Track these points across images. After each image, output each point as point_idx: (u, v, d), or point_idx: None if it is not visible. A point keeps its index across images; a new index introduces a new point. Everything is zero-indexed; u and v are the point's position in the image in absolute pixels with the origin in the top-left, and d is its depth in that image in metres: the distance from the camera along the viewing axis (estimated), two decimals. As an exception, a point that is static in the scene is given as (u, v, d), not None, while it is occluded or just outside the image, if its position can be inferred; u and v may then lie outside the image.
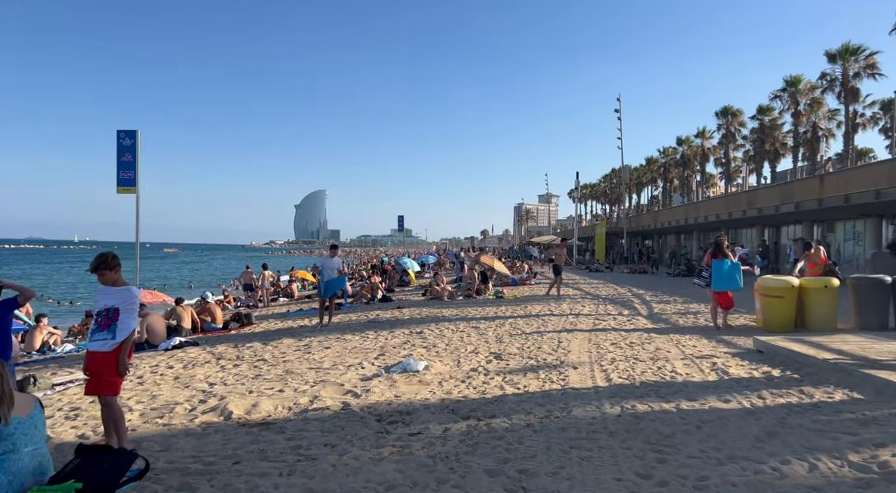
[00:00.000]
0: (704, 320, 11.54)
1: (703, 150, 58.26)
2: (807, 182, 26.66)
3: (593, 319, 11.91)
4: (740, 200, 33.11)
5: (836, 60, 37.39)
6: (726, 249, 15.10)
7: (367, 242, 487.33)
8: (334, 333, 10.79)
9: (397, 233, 52.40)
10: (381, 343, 9.31)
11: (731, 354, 7.55)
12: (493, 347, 8.61)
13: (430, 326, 11.28)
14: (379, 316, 13.51)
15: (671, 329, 10.27)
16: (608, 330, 10.17)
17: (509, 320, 11.93)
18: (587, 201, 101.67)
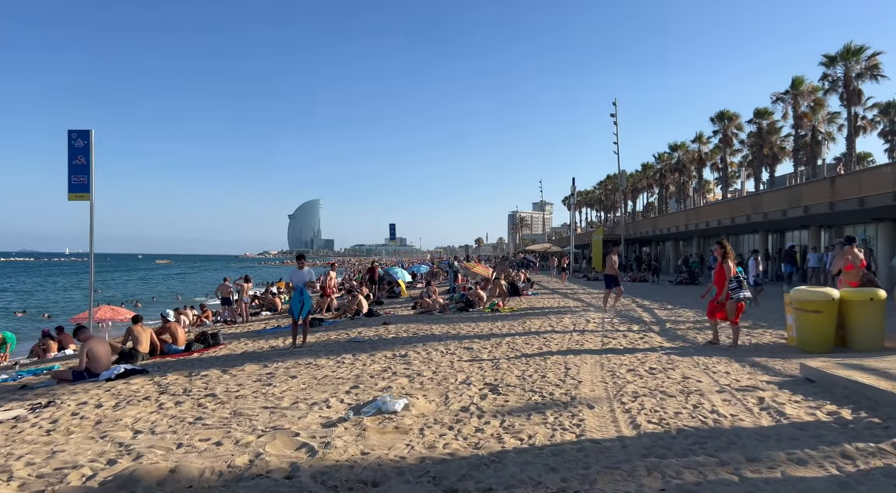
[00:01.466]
0: (726, 336, 10.24)
1: (699, 155, 57.30)
2: (817, 185, 25.47)
3: (601, 336, 10.58)
4: (744, 204, 31.93)
5: (835, 63, 36.46)
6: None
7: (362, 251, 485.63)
8: (306, 356, 9.42)
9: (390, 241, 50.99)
10: (357, 371, 7.94)
11: (776, 384, 6.23)
12: (489, 375, 7.26)
13: (416, 347, 9.93)
14: (361, 335, 12.13)
15: (691, 349, 8.95)
16: (620, 351, 8.85)
17: (506, 338, 10.59)
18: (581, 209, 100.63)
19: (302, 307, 10.60)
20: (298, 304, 10.62)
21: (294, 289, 10.81)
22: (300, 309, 10.62)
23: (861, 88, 35.98)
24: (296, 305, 10.67)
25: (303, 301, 10.60)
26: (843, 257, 9.54)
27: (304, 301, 10.61)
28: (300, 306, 10.61)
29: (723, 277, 8.99)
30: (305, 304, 10.62)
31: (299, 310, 10.63)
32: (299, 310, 10.63)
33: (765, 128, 47.16)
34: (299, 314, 10.68)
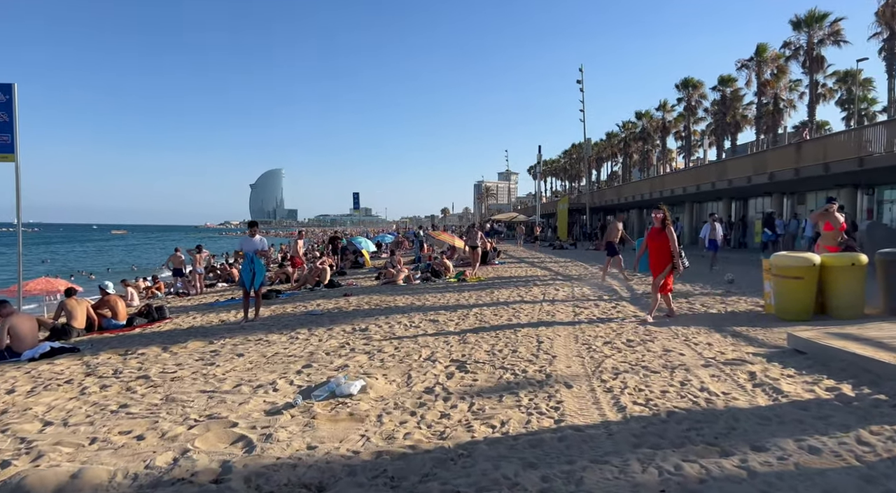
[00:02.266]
0: (700, 304, 9.87)
1: (663, 123, 57.33)
2: (782, 151, 25.44)
3: (572, 306, 10.10)
4: (709, 171, 31.90)
5: (801, 28, 36.46)
6: None
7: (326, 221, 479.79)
8: (257, 332, 8.68)
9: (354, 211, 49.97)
10: (311, 347, 7.26)
11: (763, 356, 5.79)
12: (456, 350, 6.67)
13: (378, 319, 9.28)
14: (319, 307, 11.41)
15: (668, 319, 8.53)
16: (594, 322, 8.36)
17: (474, 309, 10.02)
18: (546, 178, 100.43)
19: (253, 278, 9.80)
20: (249, 274, 9.81)
21: (244, 258, 9.97)
22: (251, 280, 9.82)
23: (823, 55, 36.10)
24: (246, 275, 9.86)
25: (254, 271, 9.79)
26: (822, 217, 9.18)
27: (256, 271, 9.80)
28: (251, 276, 9.81)
29: (666, 244, 8.33)
30: (257, 274, 9.82)
31: (250, 281, 9.83)
32: (250, 281, 9.83)
33: (728, 96, 47.28)
34: (251, 285, 9.89)
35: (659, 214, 8.45)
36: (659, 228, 8.39)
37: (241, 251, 9.95)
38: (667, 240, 8.28)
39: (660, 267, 8.34)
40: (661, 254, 8.31)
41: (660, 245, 8.36)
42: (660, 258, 8.36)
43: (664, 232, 8.32)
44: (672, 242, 8.23)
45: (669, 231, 8.29)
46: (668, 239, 8.28)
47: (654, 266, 8.41)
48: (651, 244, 8.51)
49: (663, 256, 8.28)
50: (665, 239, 8.30)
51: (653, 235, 8.49)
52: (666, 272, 8.32)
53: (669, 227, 8.30)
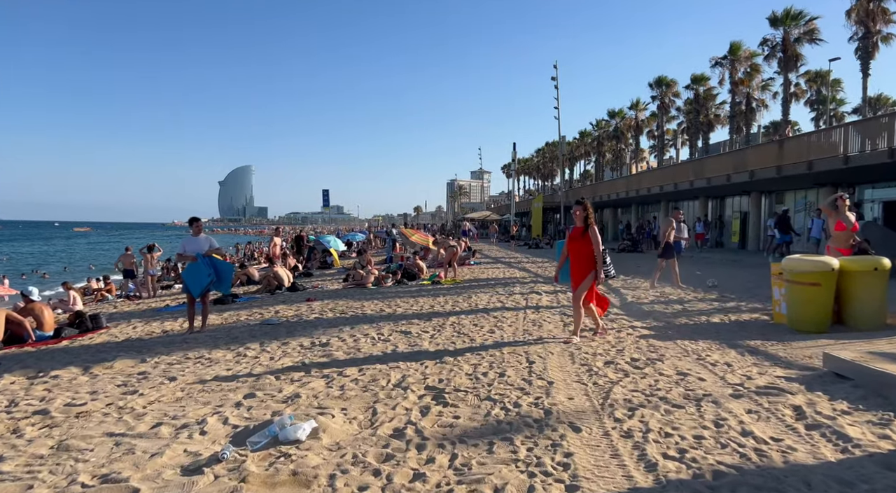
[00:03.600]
0: (699, 313, 8.98)
1: (636, 122, 57.10)
2: (763, 149, 24.96)
3: (559, 314, 9.12)
4: (686, 170, 31.39)
5: (777, 24, 36.28)
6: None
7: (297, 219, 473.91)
8: (201, 346, 7.48)
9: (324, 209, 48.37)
10: (261, 368, 6.10)
11: (799, 382, 4.84)
12: (432, 373, 5.59)
13: (342, 331, 8.15)
14: (278, 314, 10.22)
15: (669, 331, 7.59)
16: (586, 330, 7.38)
17: (451, 318, 8.96)
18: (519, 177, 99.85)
19: (200, 282, 8.57)
20: (195, 278, 8.58)
21: (195, 260, 8.67)
22: (197, 285, 8.58)
23: (801, 53, 35.93)
24: (191, 279, 8.62)
25: (203, 276, 8.56)
26: (833, 215, 8.35)
27: (203, 277, 8.57)
28: (196, 280, 8.58)
29: (589, 248, 6.74)
30: (203, 280, 8.59)
31: (197, 286, 8.59)
32: (197, 286, 8.59)
33: (701, 94, 47.07)
34: (199, 291, 8.65)
35: (580, 211, 6.82)
36: (581, 227, 6.80)
37: (186, 254, 8.69)
38: (590, 243, 6.72)
39: (581, 276, 6.79)
40: (583, 260, 6.78)
41: (581, 249, 6.79)
42: (581, 265, 6.80)
43: (587, 233, 6.75)
44: (596, 245, 6.70)
45: (593, 232, 6.74)
46: (591, 242, 6.72)
47: (575, 275, 6.86)
48: (572, 248, 6.90)
49: (585, 262, 6.77)
50: (588, 242, 6.74)
51: (574, 237, 6.89)
52: (588, 282, 6.79)
53: (594, 227, 6.78)
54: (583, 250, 6.77)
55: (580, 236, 6.79)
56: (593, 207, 7.12)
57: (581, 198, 6.99)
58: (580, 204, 6.81)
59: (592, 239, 6.70)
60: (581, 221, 6.79)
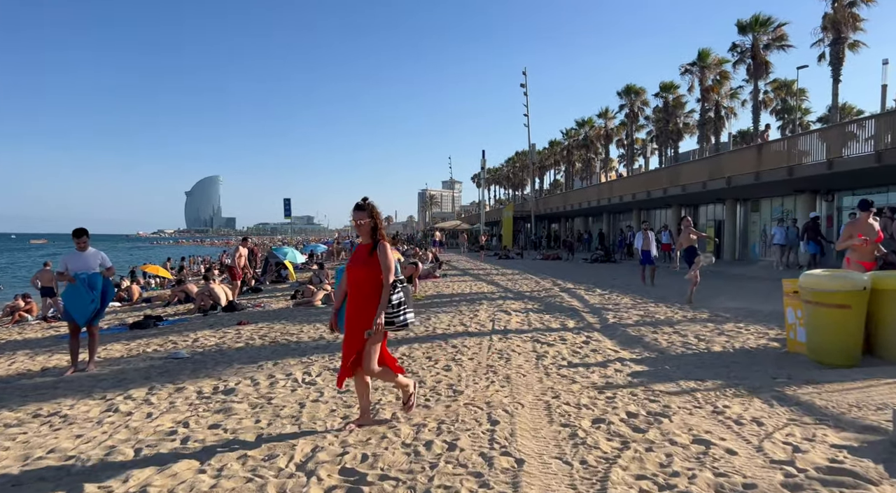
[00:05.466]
0: (694, 336, 7.59)
1: (605, 131, 56.52)
2: (741, 154, 24.05)
3: (531, 340, 7.63)
4: (660, 177, 30.44)
5: (746, 31, 35.85)
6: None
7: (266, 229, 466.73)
8: (71, 393, 5.75)
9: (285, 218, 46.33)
10: (121, 434, 4.42)
11: (871, 457, 3.41)
12: (355, 445, 4.02)
13: (260, 369, 6.51)
14: (195, 343, 8.52)
15: (661, 359, 6.17)
16: (567, 368, 5.90)
17: (400, 349, 7.38)
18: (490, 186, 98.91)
19: (85, 308, 6.82)
20: (78, 303, 6.83)
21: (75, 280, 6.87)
22: (81, 312, 6.84)
23: (769, 60, 35.50)
24: (73, 305, 6.86)
25: (86, 302, 6.82)
26: (854, 227, 7.08)
27: (85, 299, 6.82)
28: (79, 306, 6.83)
29: (376, 275, 4.13)
30: (87, 306, 6.84)
31: (81, 313, 6.85)
32: (81, 313, 6.85)
33: (671, 102, 46.62)
34: (84, 319, 6.90)
35: (364, 220, 4.17)
36: (369, 245, 4.21)
37: (67, 273, 6.94)
38: (378, 269, 4.13)
39: (363, 318, 4.07)
40: (367, 293, 4.12)
41: (367, 278, 4.14)
42: (364, 301, 4.12)
43: (375, 253, 4.16)
44: (386, 271, 4.10)
45: (383, 251, 4.12)
46: (378, 266, 4.12)
47: (354, 316, 4.13)
48: (352, 277, 4.21)
49: (370, 296, 4.12)
50: (375, 268, 4.13)
51: (357, 261, 4.22)
52: (378, 333, 4.08)
53: (384, 242, 4.19)
54: (368, 280, 4.12)
55: (365, 259, 4.16)
56: (564, 217, 5.62)
57: (364, 199, 4.25)
58: (362, 208, 4.19)
59: (382, 262, 4.10)
60: (368, 236, 4.18)
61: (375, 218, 4.20)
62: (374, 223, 4.18)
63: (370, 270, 4.13)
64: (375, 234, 4.18)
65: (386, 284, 4.08)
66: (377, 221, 4.21)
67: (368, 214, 4.18)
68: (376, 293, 4.11)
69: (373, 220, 4.18)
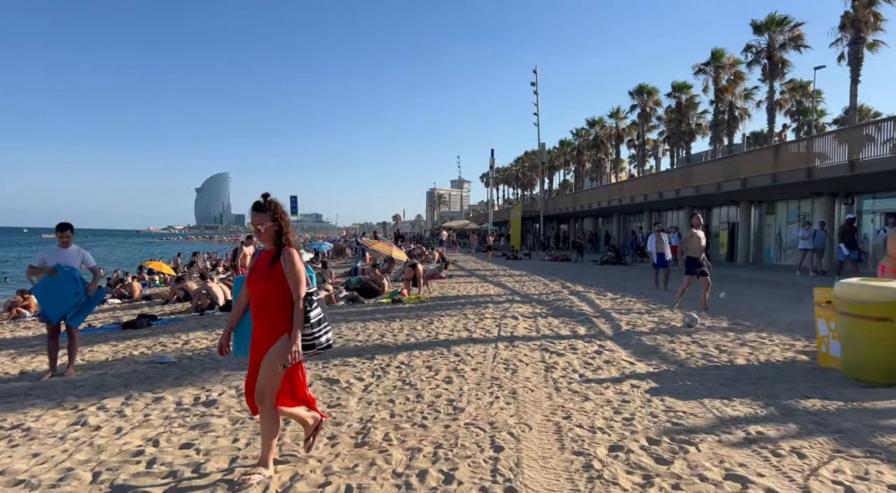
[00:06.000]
0: (714, 346, 7.08)
1: (617, 131, 55.82)
2: (757, 155, 23.39)
3: (539, 349, 7.14)
4: (672, 178, 29.79)
5: (762, 31, 35.13)
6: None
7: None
8: (41, 402, 5.30)
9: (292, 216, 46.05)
10: (82, 454, 3.99)
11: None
12: (338, 472, 3.56)
13: (249, 376, 6.08)
14: (186, 346, 8.10)
15: (681, 374, 5.67)
16: (578, 385, 5.41)
17: (400, 356, 6.92)
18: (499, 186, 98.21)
19: (60, 303, 6.34)
20: (52, 297, 6.36)
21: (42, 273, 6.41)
22: (56, 306, 6.37)
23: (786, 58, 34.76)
24: (46, 298, 6.39)
25: (66, 295, 6.37)
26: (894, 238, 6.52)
27: (66, 296, 6.37)
28: (55, 300, 6.36)
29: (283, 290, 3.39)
30: (66, 300, 6.38)
31: (55, 308, 6.38)
32: (55, 308, 6.38)
33: (683, 102, 45.88)
34: (58, 318, 6.46)
35: (266, 224, 3.43)
36: (272, 253, 3.47)
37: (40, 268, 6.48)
38: (282, 281, 3.39)
39: (271, 343, 3.37)
40: (272, 313, 3.39)
41: (269, 292, 3.40)
42: (269, 323, 3.40)
43: (277, 263, 3.41)
44: (295, 284, 3.36)
45: (289, 258, 3.38)
46: (283, 279, 3.39)
47: (260, 340, 3.43)
48: (254, 290, 3.46)
49: (276, 317, 3.39)
50: (278, 279, 3.39)
51: (258, 273, 3.46)
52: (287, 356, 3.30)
53: (290, 250, 3.42)
54: (272, 296, 3.37)
55: (267, 270, 3.39)
56: (574, 218, 5.16)
57: (264, 197, 3.47)
58: (262, 209, 3.42)
59: (289, 274, 3.35)
60: (271, 241, 3.45)
61: (281, 220, 3.44)
62: (278, 227, 3.44)
63: (273, 283, 3.36)
64: (281, 239, 3.45)
65: (297, 300, 3.34)
66: (283, 224, 3.45)
67: (271, 216, 3.42)
68: (283, 312, 3.36)
69: (277, 223, 3.43)
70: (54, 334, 6.59)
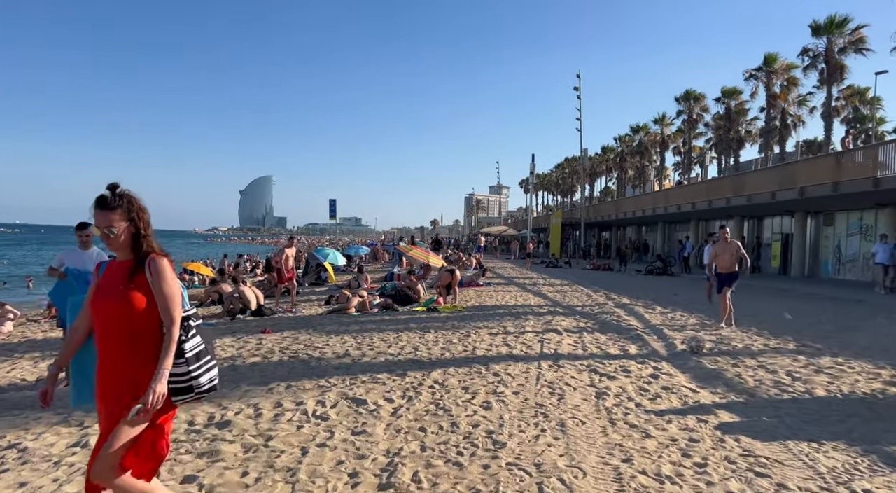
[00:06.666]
0: (784, 372, 6.30)
1: (662, 137, 54.26)
2: (816, 162, 22.09)
3: (588, 370, 6.48)
4: (723, 185, 28.54)
5: (820, 33, 33.50)
6: None
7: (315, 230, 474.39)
8: (45, 418, 4.94)
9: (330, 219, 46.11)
10: (77, 484, 3.55)
11: None
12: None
13: (270, 394, 5.57)
14: (210, 355, 7.74)
15: (754, 406, 4.94)
16: (632, 410, 4.75)
17: (434, 373, 6.35)
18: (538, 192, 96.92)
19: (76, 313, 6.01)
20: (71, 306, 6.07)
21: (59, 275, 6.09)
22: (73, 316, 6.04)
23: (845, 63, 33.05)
24: (63, 304, 6.08)
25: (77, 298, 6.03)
26: None
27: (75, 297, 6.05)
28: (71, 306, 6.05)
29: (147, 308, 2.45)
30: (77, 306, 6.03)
31: (71, 318, 6.08)
32: (71, 318, 6.08)
33: (732, 108, 44.17)
34: (73, 325, 6.12)
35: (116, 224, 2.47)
36: (128, 264, 2.53)
37: (60, 269, 6.17)
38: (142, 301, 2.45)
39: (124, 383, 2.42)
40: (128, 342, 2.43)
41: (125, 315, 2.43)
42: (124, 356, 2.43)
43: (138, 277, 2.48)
44: (167, 301, 2.45)
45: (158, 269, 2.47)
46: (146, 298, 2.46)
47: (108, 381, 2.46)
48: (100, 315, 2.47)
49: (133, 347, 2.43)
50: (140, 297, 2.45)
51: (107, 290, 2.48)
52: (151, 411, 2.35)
53: (159, 259, 2.51)
54: (128, 321, 2.44)
55: (123, 289, 2.46)
56: (616, 225, 4.86)
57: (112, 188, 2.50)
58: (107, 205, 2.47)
59: (157, 291, 2.47)
60: (125, 249, 2.54)
61: (139, 220, 2.51)
62: (136, 228, 2.51)
63: (131, 303, 2.41)
64: (140, 244, 2.52)
65: (169, 327, 2.42)
66: (141, 224, 2.52)
67: (124, 215, 2.48)
68: (146, 343, 2.42)
69: (133, 223, 2.50)
70: (71, 340, 6.23)
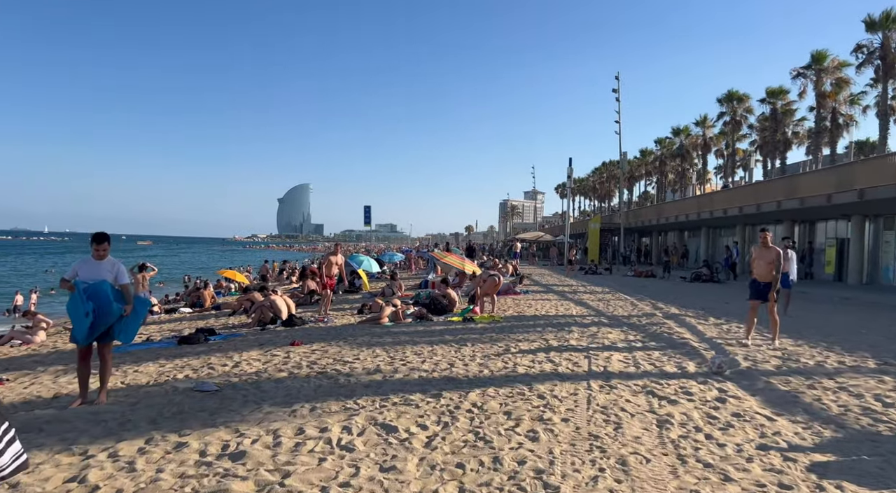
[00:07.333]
0: (856, 402, 5.52)
1: (704, 140, 52.62)
2: (877, 163, 20.79)
3: (644, 392, 5.81)
4: (773, 188, 27.22)
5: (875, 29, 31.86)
6: None
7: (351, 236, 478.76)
8: (49, 443, 4.51)
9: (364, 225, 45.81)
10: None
11: None
12: None
13: (293, 416, 5.07)
14: (235, 368, 7.29)
15: (846, 442, 4.22)
16: (702, 443, 4.08)
17: (472, 394, 5.76)
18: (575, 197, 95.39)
19: (94, 325, 5.63)
20: (85, 317, 5.65)
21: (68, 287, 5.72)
22: (89, 328, 5.65)
23: (903, 61, 31.30)
24: (80, 319, 5.68)
25: (98, 313, 5.64)
26: None
27: (101, 313, 5.65)
28: (90, 322, 5.65)
29: None
30: (100, 318, 5.64)
31: (87, 330, 5.67)
32: (87, 330, 5.67)
33: (779, 109, 42.39)
34: (87, 338, 5.71)
35: None
36: None
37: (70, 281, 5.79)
38: None
39: None
40: None
41: None
42: None
43: None
44: None
45: None
46: None
47: None
48: None
49: None
50: None
51: None
52: None
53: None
54: None
55: None
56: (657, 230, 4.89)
57: None
58: None
59: None
60: None
61: None
62: None
63: None
64: None
65: None
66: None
67: None
68: None
69: None
70: (84, 357, 5.88)
